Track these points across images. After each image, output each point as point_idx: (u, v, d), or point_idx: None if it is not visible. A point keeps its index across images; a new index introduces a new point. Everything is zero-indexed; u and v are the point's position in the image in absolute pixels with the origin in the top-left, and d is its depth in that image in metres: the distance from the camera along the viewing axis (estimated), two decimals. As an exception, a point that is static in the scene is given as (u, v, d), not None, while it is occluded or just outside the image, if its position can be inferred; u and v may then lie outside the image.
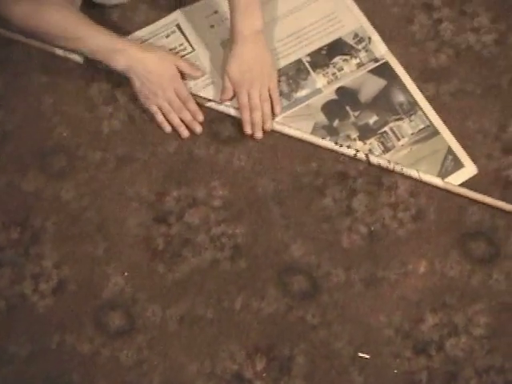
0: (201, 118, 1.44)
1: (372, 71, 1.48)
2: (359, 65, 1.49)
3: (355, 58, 1.49)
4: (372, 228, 1.36)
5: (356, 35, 1.51)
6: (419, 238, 1.35)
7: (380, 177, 1.39)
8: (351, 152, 1.40)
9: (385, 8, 1.55)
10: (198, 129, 1.44)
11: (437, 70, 1.49)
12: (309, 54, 1.50)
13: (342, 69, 1.49)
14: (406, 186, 1.38)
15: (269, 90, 1.44)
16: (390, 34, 1.53)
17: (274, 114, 1.45)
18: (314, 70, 1.49)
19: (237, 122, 1.45)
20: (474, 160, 1.40)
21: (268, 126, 1.43)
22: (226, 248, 1.36)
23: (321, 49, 1.51)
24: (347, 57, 1.49)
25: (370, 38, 1.51)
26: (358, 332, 1.30)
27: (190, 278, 1.35)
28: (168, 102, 1.43)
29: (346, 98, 1.47)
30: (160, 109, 1.43)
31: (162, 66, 1.42)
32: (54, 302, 1.34)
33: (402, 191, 1.38)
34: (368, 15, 1.53)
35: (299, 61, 1.50)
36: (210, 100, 1.46)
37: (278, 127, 1.44)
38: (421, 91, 1.46)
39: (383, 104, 1.46)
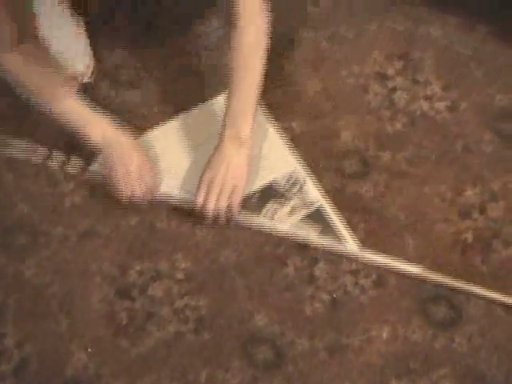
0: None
1: (306, 217, 1.43)
2: (292, 210, 1.44)
3: (288, 203, 1.45)
4: (334, 295, 1.37)
5: (288, 179, 1.48)
6: (381, 303, 1.36)
7: (340, 244, 1.41)
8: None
9: (340, 79, 1.60)
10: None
11: (392, 137, 1.53)
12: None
13: (276, 215, 1.44)
14: (367, 253, 1.40)
15: (230, 203, 1.40)
16: (346, 103, 1.57)
17: None
18: (245, 218, 1.44)
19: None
20: (432, 225, 1.42)
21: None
22: (189, 320, 1.36)
23: (253, 194, 1.46)
24: (280, 200, 1.45)
25: (302, 183, 1.47)
26: (323, 401, 1.30)
27: (155, 351, 1.34)
28: (131, 188, 1.40)
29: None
30: (123, 191, 1.41)
31: (132, 152, 1.42)
32: (15, 382, 1.31)
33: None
34: (323, 87, 1.57)
35: (229, 208, 1.43)
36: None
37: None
38: (378, 159, 1.49)
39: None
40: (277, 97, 1.58)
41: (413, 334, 1.33)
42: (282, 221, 1.43)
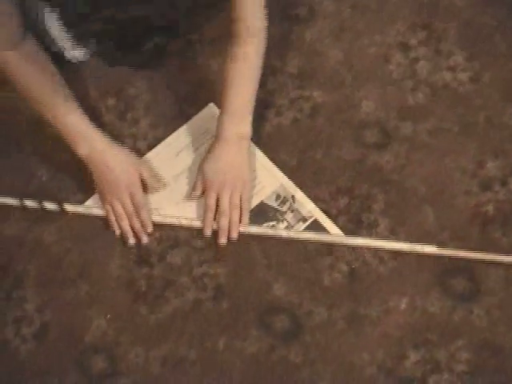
0: (150, 229, 1.39)
1: (304, 230, 1.40)
2: (288, 227, 1.40)
3: (282, 221, 1.41)
4: (353, 266, 1.37)
5: (278, 196, 1.43)
6: (400, 275, 1.36)
7: (360, 215, 1.41)
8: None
9: (362, 48, 1.58)
10: (145, 239, 1.39)
11: (414, 108, 1.51)
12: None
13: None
14: (386, 224, 1.40)
15: (240, 199, 1.39)
16: (367, 73, 1.55)
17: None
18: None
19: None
20: (453, 197, 1.41)
21: (234, 236, 1.37)
22: (208, 288, 1.37)
23: None
24: (274, 222, 1.41)
25: (293, 197, 1.42)
26: (340, 370, 1.30)
27: (173, 319, 1.35)
28: (121, 205, 1.37)
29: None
30: (112, 208, 1.38)
31: (123, 167, 1.37)
32: (37, 346, 1.33)
33: (382, 229, 1.39)
34: (345, 56, 1.56)
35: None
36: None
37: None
38: (399, 130, 1.48)
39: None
40: (298, 66, 1.57)
41: (431, 305, 1.33)
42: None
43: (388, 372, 1.29)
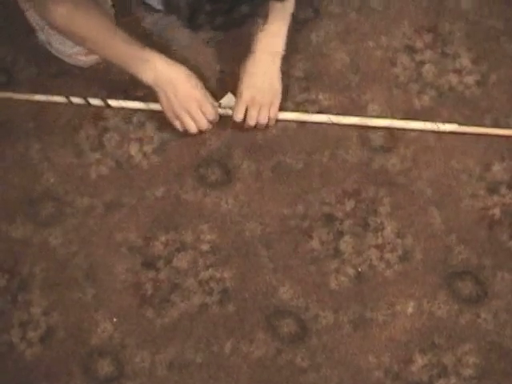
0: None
1: None
2: None
3: None
4: (359, 269, 1.37)
5: None
6: (406, 278, 1.36)
7: (366, 218, 1.40)
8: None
9: (368, 51, 1.57)
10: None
11: (420, 111, 1.51)
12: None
13: None
14: (393, 227, 1.39)
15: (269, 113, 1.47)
16: (373, 76, 1.55)
17: None
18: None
19: (223, 165, 1.46)
20: (459, 200, 1.41)
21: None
22: (214, 292, 1.36)
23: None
24: None
25: None
26: (347, 374, 1.29)
27: (179, 322, 1.35)
28: (193, 120, 1.44)
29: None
30: (184, 125, 1.44)
31: (188, 84, 1.43)
32: (42, 349, 1.33)
33: (389, 232, 1.39)
34: (351, 59, 1.55)
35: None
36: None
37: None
38: (405, 132, 1.48)
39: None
40: (304, 69, 1.56)
41: (438, 309, 1.33)
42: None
43: (395, 376, 1.29)
